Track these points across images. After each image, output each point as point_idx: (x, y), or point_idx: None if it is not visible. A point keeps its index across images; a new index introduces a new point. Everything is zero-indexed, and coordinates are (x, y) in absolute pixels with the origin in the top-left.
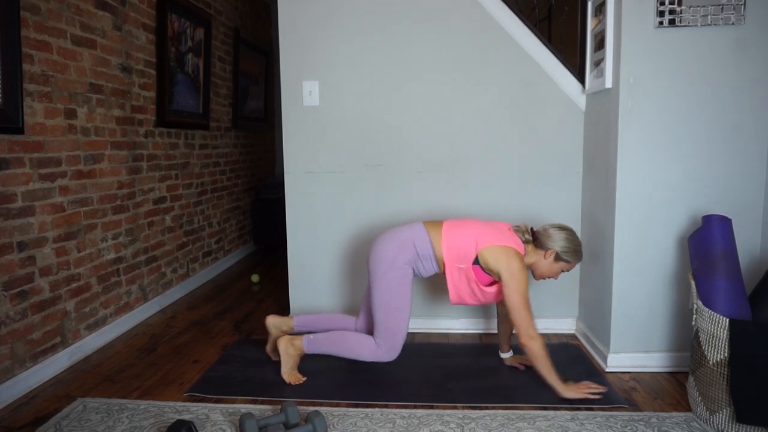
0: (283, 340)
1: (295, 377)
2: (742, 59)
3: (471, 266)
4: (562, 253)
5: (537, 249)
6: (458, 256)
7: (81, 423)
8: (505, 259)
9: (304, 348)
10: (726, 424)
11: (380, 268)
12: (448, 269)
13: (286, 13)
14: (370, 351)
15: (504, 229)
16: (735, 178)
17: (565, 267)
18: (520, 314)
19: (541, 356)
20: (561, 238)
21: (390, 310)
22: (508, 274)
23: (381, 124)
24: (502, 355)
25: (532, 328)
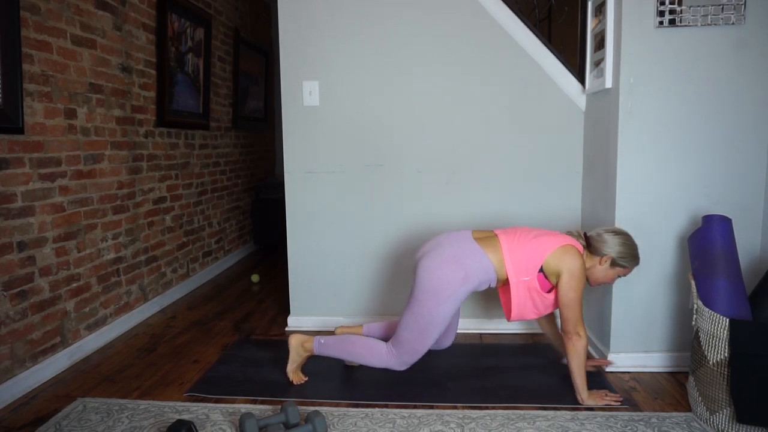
0: (296, 338)
1: (298, 377)
2: (743, 59)
3: (536, 275)
4: (618, 258)
5: (592, 255)
6: (524, 269)
7: (81, 423)
8: (568, 258)
9: (315, 350)
10: (726, 424)
11: (433, 298)
12: (513, 286)
13: (286, 13)
14: (381, 360)
15: (557, 233)
16: (735, 178)
17: (621, 272)
18: (572, 311)
19: (582, 356)
20: (617, 243)
21: (423, 334)
22: (569, 273)
23: (381, 124)
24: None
25: (581, 326)
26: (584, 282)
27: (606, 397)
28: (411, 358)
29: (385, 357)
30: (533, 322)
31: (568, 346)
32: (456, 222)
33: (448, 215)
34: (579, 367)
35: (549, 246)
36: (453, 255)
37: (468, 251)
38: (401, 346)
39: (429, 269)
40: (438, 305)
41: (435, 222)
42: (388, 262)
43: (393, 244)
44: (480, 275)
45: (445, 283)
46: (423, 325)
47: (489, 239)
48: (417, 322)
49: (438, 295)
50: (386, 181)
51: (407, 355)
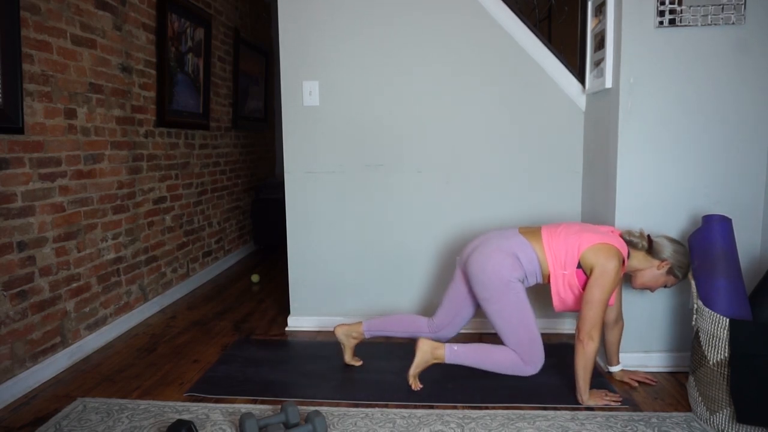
0: (427, 344)
1: (417, 383)
2: (743, 59)
3: (575, 270)
4: (676, 268)
5: (650, 257)
6: (563, 262)
7: (81, 423)
8: (603, 255)
9: (446, 358)
10: (726, 424)
11: (496, 289)
12: (553, 277)
13: (286, 13)
14: (516, 366)
15: (606, 230)
16: (735, 178)
17: (671, 282)
18: (593, 311)
19: (590, 360)
20: (679, 252)
21: (521, 327)
22: (601, 270)
23: (381, 124)
24: (611, 369)
25: (597, 329)
26: (613, 285)
27: (606, 397)
28: (535, 353)
29: (521, 364)
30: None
31: (578, 347)
32: (456, 222)
33: (448, 215)
34: (585, 370)
35: (587, 242)
36: (499, 245)
37: (514, 242)
38: (520, 348)
39: (480, 263)
40: (504, 295)
41: (435, 222)
42: (389, 261)
43: (393, 243)
44: (526, 264)
45: (497, 271)
46: (511, 321)
47: (533, 233)
48: (507, 322)
49: (498, 284)
50: (386, 181)
51: (530, 352)
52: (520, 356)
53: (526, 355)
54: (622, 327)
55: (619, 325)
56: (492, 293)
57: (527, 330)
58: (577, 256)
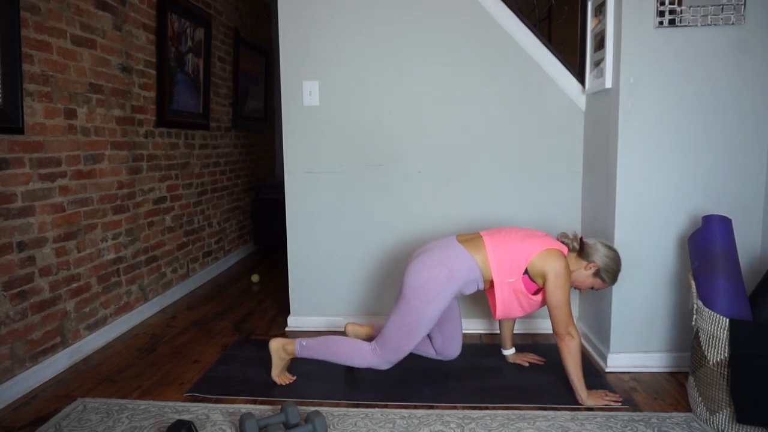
0: (276, 342)
1: (285, 378)
2: (743, 59)
3: (521, 277)
4: (603, 270)
5: (579, 258)
6: (508, 271)
7: (81, 423)
8: (551, 260)
9: (296, 353)
10: (726, 425)
11: (420, 297)
12: (498, 286)
13: (286, 13)
14: (365, 359)
15: (544, 234)
16: (735, 178)
17: (598, 284)
18: (562, 312)
19: (576, 355)
20: (608, 257)
21: (409, 334)
22: (554, 274)
23: (381, 124)
24: (505, 352)
25: (572, 326)
26: (569, 283)
27: (606, 397)
28: (395, 356)
29: (370, 356)
30: (534, 323)
31: (562, 348)
32: (456, 222)
33: (448, 215)
34: (575, 368)
35: (533, 249)
36: (439, 257)
37: (453, 253)
38: (386, 345)
39: (416, 270)
40: (425, 304)
41: (435, 222)
42: (388, 261)
43: (393, 244)
44: (465, 274)
45: (431, 282)
46: (410, 324)
47: (473, 241)
48: (404, 322)
49: (425, 293)
50: (386, 182)
51: (392, 353)
52: (382, 351)
53: (388, 353)
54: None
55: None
56: (414, 298)
57: (409, 340)
58: (525, 264)
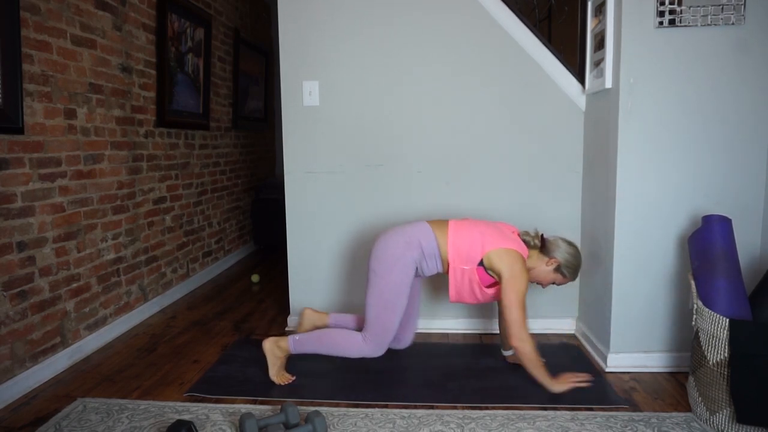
0: (269, 341)
1: (283, 377)
2: (743, 59)
3: (476, 268)
4: (563, 266)
5: (541, 255)
6: (464, 258)
7: (81, 423)
8: (508, 261)
9: (291, 349)
10: (726, 425)
11: (383, 265)
12: (452, 270)
13: (286, 13)
14: (357, 348)
15: (508, 231)
16: (735, 178)
17: (559, 280)
18: (515, 314)
19: (532, 358)
20: (568, 253)
21: (387, 308)
22: (510, 274)
23: (381, 124)
24: (505, 353)
25: (524, 331)
26: (525, 285)
27: (572, 378)
28: (383, 337)
29: (362, 345)
30: (536, 323)
31: (517, 352)
32: None
33: (448, 215)
34: (534, 368)
35: (491, 244)
36: (401, 229)
37: (415, 226)
38: (372, 328)
39: (380, 242)
40: (389, 272)
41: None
42: None
43: None
44: (423, 244)
45: (392, 247)
46: (384, 297)
47: (440, 223)
48: (379, 297)
49: (386, 260)
50: (386, 182)
51: (379, 335)
52: (370, 335)
53: (372, 335)
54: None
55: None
56: (379, 265)
57: (389, 314)
58: (480, 255)
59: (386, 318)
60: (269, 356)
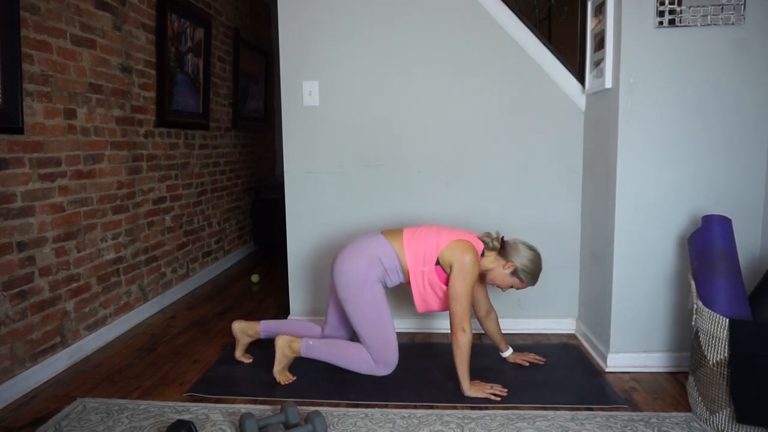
0: (283, 339)
1: (285, 377)
2: (742, 59)
3: (433, 267)
4: (520, 270)
5: (499, 257)
6: (422, 260)
7: (81, 423)
8: (459, 251)
9: (302, 352)
10: (726, 425)
11: (352, 289)
12: (413, 275)
13: (286, 13)
14: (368, 366)
15: (464, 231)
16: (735, 178)
17: (517, 284)
18: (460, 305)
19: (464, 350)
20: (526, 257)
21: (375, 328)
22: (459, 265)
23: (381, 124)
24: (503, 354)
25: (466, 321)
26: (474, 278)
27: (488, 389)
28: (387, 353)
29: (372, 364)
30: (536, 323)
31: (453, 340)
32: (456, 222)
33: (448, 215)
34: (461, 360)
35: (445, 240)
36: (358, 248)
37: (372, 242)
38: (373, 350)
39: (339, 265)
40: (361, 294)
41: (435, 222)
42: None
43: None
44: (384, 260)
45: (355, 271)
46: (368, 317)
47: (394, 233)
48: (364, 320)
49: (354, 285)
50: (386, 182)
51: (383, 353)
52: (372, 356)
53: (377, 355)
54: (495, 317)
55: (492, 315)
56: (349, 293)
57: (381, 331)
58: (436, 254)
59: (380, 337)
60: (279, 353)
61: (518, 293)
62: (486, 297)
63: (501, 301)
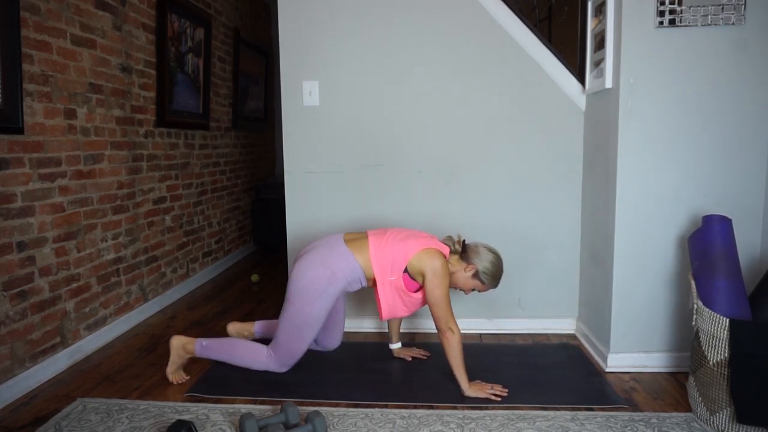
0: (177, 339)
1: (179, 376)
2: (743, 59)
3: (401, 275)
4: (481, 273)
5: (461, 260)
6: (389, 269)
7: (81, 423)
8: (429, 259)
9: (196, 352)
10: (726, 425)
11: (304, 298)
12: (380, 285)
13: (286, 13)
14: (261, 362)
15: (427, 236)
16: (735, 178)
17: (479, 287)
18: (441, 309)
19: (457, 350)
20: (487, 260)
21: (297, 335)
22: (432, 272)
23: (381, 124)
24: (392, 347)
25: (452, 322)
26: (447, 280)
27: (488, 390)
28: (289, 359)
29: (265, 360)
30: (536, 323)
31: (443, 343)
32: (456, 222)
33: (448, 215)
34: (456, 361)
35: (413, 248)
36: (322, 257)
37: (336, 253)
38: (279, 348)
39: (300, 270)
40: (309, 305)
41: (435, 222)
42: None
43: None
44: (347, 275)
45: (314, 282)
46: (297, 325)
47: (359, 241)
48: (291, 323)
49: (307, 294)
50: (386, 182)
51: (285, 356)
52: (274, 352)
53: (282, 357)
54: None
55: None
56: (297, 299)
57: (299, 340)
58: (404, 263)
59: (295, 345)
60: (173, 354)
61: (517, 293)
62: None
63: (501, 301)
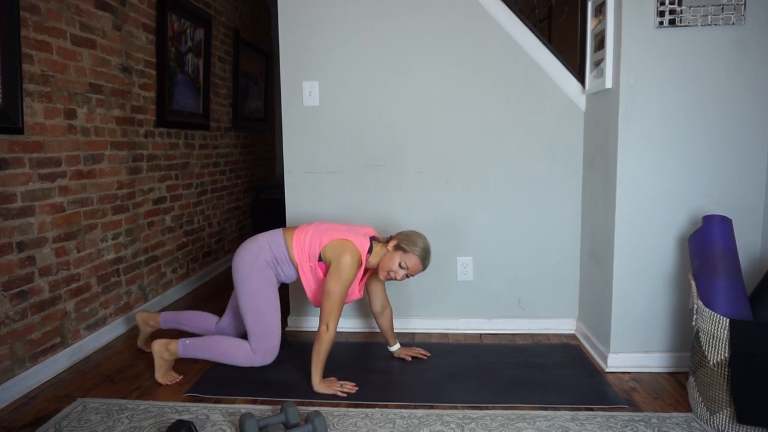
0: (158, 343)
1: (171, 377)
2: (743, 59)
3: (317, 263)
4: (402, 241)
5: (384, 245)
6: (307, 254)
7: (81, 423)
8: (339, 251)
9: (179, 353)
10: (726, 425)
11: (241, 272)
12: (301, 269)
13: (286, 13)
14: (246, 356)
15: (358, 230)
16: (735, 178)
17: (406, 261)
18: (329, 302)
19: (323, 347)
20: (408, 233)
21: (259, 313)
22: (335, 264)
23: (381, 124)
24: (391, 349)
25: (332, 319)
26: (349, 279)
27: (336, 386)
28: (267, 342)
29: (249, 354)
30: (536, 323)
31: (317, 334)
32: (456, 222)
33: (448, 215)
34: (318, 355)
35: (329, 237)
36: (251, 238)
37: (265, 233)
38: (253, 336)
39: (234, 256)
40: (247, 278)
41: (435, 222)
42: None
43: None
44: (273, 247)
45: (245, 255)
46: (255, 304)
47: (291, 229)
48: (248, 311)
49: (242, 266)
50: (386, 182)
51: (262, 342)
52: (253, 345)
53: (257, 343)
54: (390, 313)
55: (387, 312)
56: (239, 275)
57: (263, 319)
58: (318, 250)
59: (263, 324)
60: (157, 359)
61: (518, 293)
62: (383, 293)
63: (501, 301)
